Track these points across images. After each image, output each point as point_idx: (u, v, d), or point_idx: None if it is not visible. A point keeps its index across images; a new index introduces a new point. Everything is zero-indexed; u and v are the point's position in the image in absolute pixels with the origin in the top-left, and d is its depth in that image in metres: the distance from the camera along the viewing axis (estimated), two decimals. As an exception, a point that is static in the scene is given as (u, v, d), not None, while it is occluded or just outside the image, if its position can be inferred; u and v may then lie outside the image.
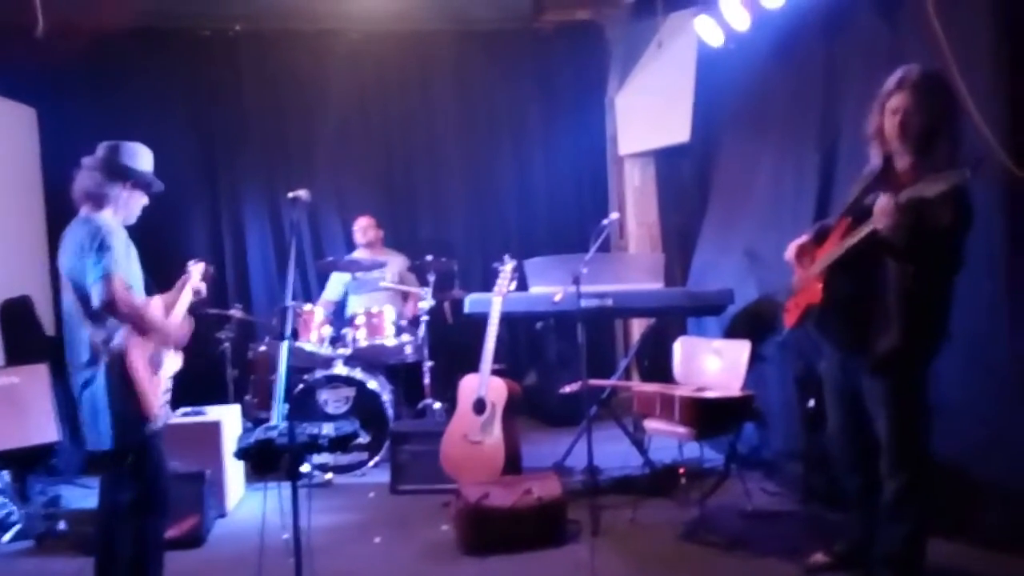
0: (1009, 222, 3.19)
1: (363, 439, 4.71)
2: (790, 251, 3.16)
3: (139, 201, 3.08)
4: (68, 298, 2.92)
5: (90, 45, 5.57)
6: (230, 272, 6.18)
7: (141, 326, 2.85)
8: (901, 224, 2.58)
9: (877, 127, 2.84)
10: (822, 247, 3.04)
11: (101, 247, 2.78)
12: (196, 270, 3.29)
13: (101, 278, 2.73)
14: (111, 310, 2.75)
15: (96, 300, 2.74)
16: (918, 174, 2.69)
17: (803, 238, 3.15)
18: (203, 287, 3.29)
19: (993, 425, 3.25)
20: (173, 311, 3.14)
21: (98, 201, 2.95)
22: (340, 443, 2.35)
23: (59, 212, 5.91)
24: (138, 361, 2.79)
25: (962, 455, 3.30)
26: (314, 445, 2.31)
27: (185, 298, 3.19)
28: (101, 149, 3.04)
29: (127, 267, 2.90)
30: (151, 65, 6.03)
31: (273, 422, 2.36)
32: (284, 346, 2.44)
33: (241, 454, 2.42)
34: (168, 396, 3.06)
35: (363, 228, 5.79)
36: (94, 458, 3.03)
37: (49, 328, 5.47)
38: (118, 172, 2.98)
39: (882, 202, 2.61)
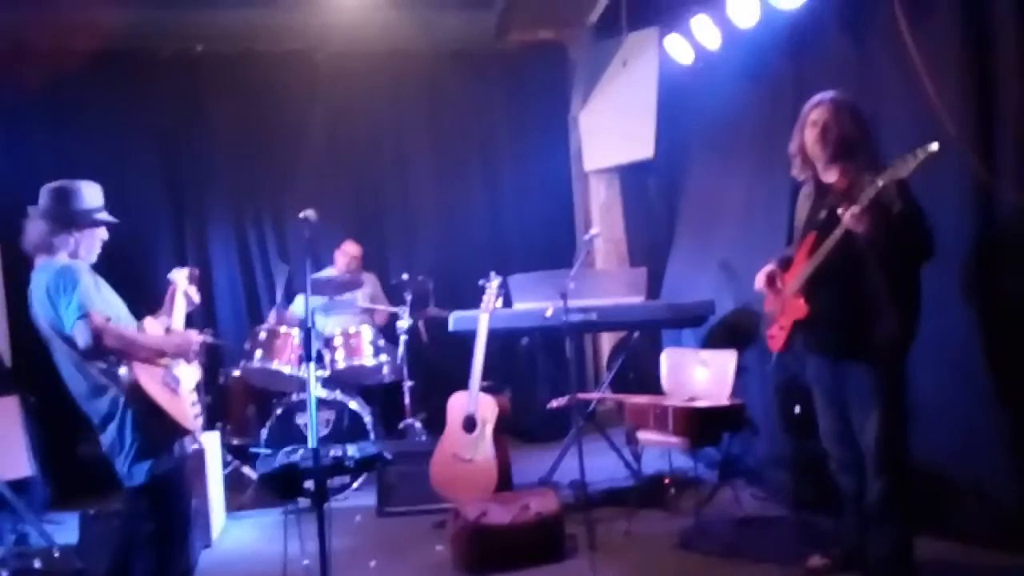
0: (981, 228, 3.33)
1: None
2: (760, 280, 3.27)
3: (95, 239, 2.95)
4: (56, 344, 2.81)
5: (42, 67, 5.40)
6: (195, 297, 6.03)
7: (135, 353, 2.76)
8: (874, 221, 2.77)
9: (799, 144, 3.09)
10: (790, 271, 3.18)
11: (67, 287, 2.69)
12: (180, 276, 3.20)
13: (78, 319, 2.64)
14: (99, 347, 2.65)
15: (81, 343, 2.65)
16: (850, 179, 2.94)
17: (770, 266, 3.27)
18: (194, 291, 3.21)
19: (969, 427, 3.37)
20: (171, 324, 3.07)
21: (49, 250, 2.84)
22: (366, 465, 2.32)
23: (10, 243, 5.72)
24: (151, 385, 2.71)
25: (940, 457, 3.42)
26: (340, 467, 2.28)
27: (180, 308, 3.12)
28: (44, 196, 2.89)
29: (100, 300, 2.81)
30: (107, 87, 5.85)
31: (311, 445, 2.31)
32: (311, 368, 2.40)
33: (265, 480, 2.37)
34: (198, 409, 3.01)
35: (347, 254, 5.64)
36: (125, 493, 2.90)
37: (7, 360, 5.25)
38: (64, 220, 2.85)
39: (851, 210, 2.77)
